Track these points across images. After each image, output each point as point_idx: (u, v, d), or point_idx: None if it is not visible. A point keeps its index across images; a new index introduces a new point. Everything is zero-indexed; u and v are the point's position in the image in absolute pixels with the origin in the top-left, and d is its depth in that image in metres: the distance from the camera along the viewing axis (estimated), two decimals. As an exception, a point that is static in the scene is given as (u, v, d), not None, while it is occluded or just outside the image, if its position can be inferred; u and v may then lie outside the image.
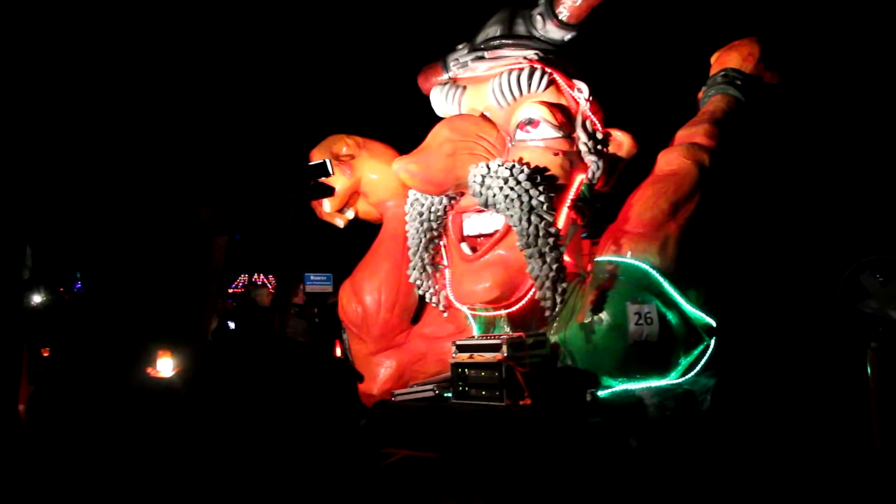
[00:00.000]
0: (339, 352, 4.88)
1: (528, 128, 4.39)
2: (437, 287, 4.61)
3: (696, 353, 4.38)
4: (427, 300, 4.68)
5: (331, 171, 3.42)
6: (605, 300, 4.17)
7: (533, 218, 4.06)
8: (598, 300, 4.20)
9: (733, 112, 4.81)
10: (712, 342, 4.45)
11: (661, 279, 4.24)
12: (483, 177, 4.12)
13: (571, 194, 4.36)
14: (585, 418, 3.93)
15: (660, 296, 4.23)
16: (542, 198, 4.08)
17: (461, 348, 4.40)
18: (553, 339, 4.37)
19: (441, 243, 4.65)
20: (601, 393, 4.28)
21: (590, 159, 4.40)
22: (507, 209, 4.10)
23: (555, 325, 4.41)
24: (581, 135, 4.43)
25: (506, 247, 4.27)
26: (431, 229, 4.56)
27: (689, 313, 4.34)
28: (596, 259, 4.43)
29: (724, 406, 4.25)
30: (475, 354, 4.30)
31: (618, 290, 4.19)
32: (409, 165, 4.05)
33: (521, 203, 4.05)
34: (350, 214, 5.28)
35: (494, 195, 4.10)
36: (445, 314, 4.73)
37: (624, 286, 4.20)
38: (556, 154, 4.31)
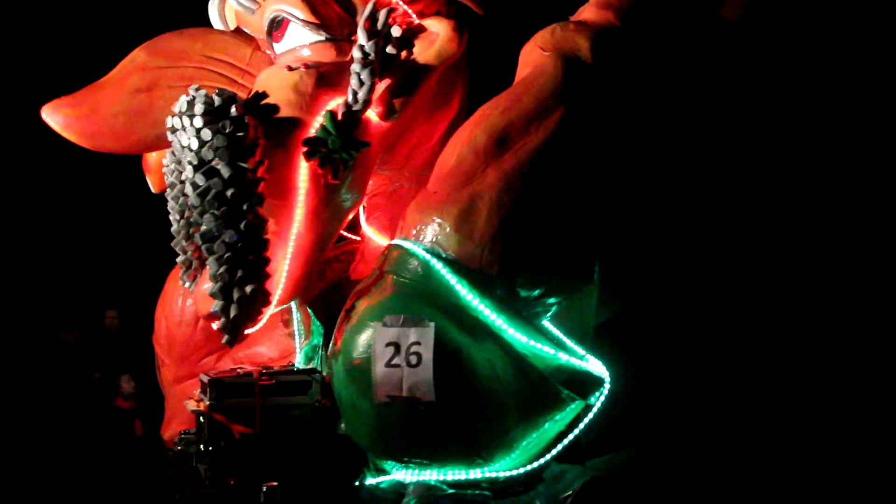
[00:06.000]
0: None
1: (279, 34, 2.71)
2: (208, 292, 3.14)
3: (553, 424, 2.30)
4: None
5: None
6: (351, 319, 2.34)
7: (198, 177, 2.41)
8: (344, 320, 2.38)
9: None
10: (596, 404, 2.31)
11: (454, 279, 2.26)
12: (172, 119, 2.58)
13: (312, 132, 2.57)
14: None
15: (453, 312, 2.25)
16: (217, 141, 2.40)
17: (205, 387, 2.90)
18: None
19: None
20: (374, 481, 2.44)
21: (353, 69, 2.56)
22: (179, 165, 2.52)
23: None
24: (360, 35, 2.62)
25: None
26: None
27: (527, 349, 2.27)
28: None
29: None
30: (197, 397, 2.79)
31: (371, 302, 2.32)
32: (62, 109, 2.67)
33: (188, 153, 2.43)
34: (202, 193, 3.99)
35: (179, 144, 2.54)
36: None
37: (383, 295, 2.31)
38: (291, 69, 2.57)
